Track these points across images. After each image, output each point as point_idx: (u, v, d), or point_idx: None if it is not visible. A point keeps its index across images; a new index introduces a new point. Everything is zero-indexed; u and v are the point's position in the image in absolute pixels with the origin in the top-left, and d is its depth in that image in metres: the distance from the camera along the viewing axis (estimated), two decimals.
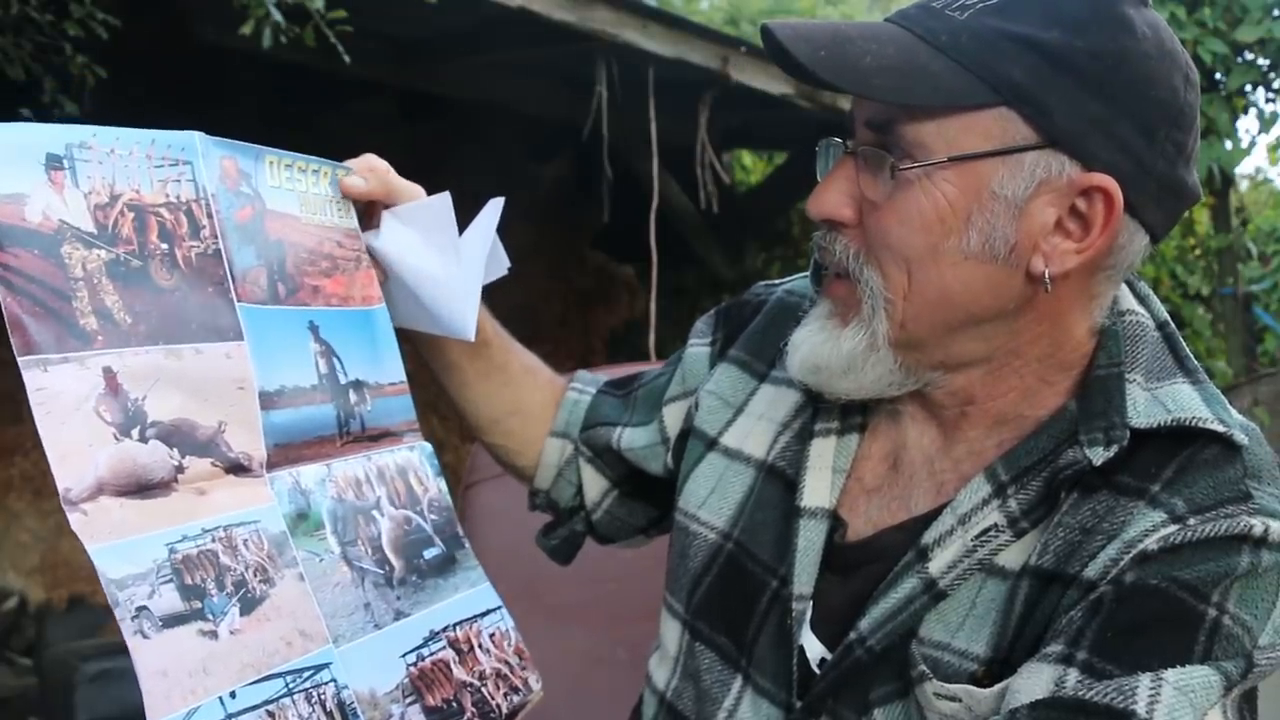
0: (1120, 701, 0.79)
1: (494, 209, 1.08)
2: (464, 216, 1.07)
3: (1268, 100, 5.96)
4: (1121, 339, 0.94)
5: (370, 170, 1.02)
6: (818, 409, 1.04)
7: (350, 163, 1.02)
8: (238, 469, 0.83)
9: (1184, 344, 0.97)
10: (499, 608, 1.03)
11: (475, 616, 1.00)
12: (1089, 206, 0.87)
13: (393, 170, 1.04)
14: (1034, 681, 0.83)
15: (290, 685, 0.80)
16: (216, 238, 0.86)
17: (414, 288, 1.05)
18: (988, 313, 0.91)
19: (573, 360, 5.01)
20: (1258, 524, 0.82)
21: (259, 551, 0.82)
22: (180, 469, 0.79)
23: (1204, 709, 0.80)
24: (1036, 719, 0.81)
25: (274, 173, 0.94)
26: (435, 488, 1.02)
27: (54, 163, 0.77)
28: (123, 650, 0.73)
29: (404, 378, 1.02)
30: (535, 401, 1.24)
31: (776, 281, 1.21)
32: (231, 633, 0.77)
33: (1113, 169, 0.86)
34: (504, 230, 1.09)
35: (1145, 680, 0.79)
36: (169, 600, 0.74)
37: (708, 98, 4.02)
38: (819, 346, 0.96)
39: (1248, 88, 5.88)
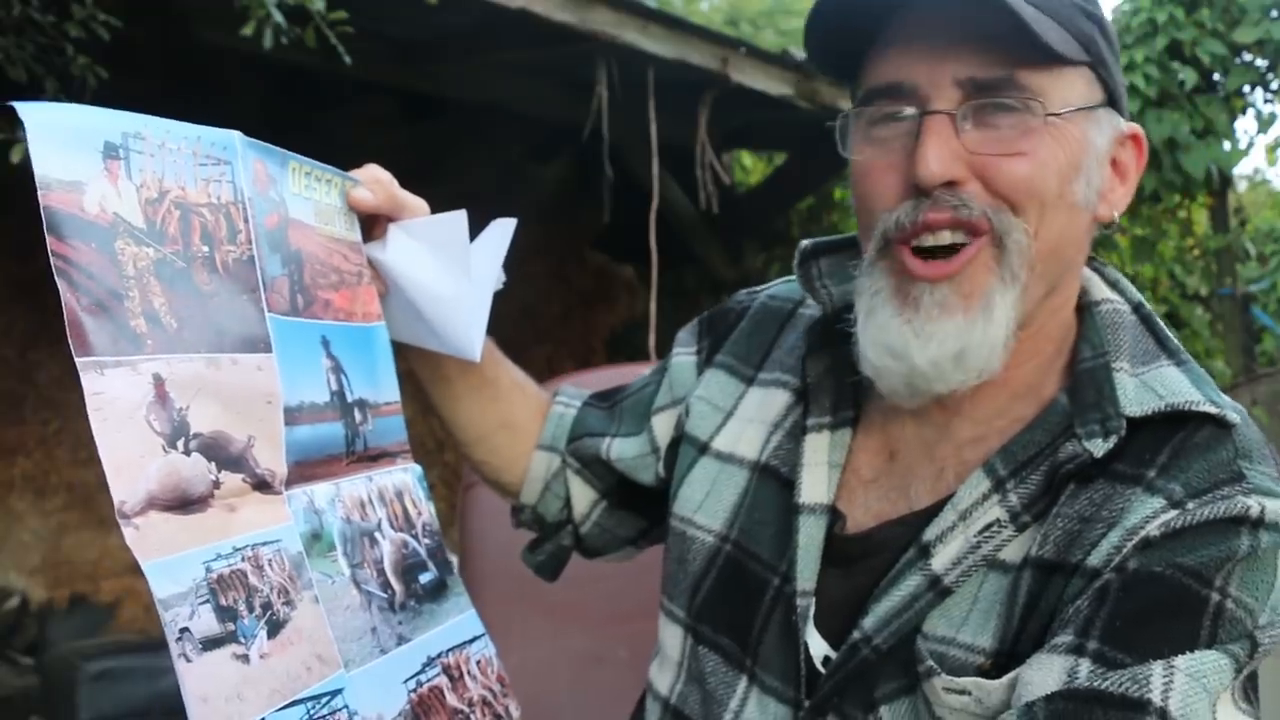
0: (1135, 691, 0.80)
1: (504, 229, 1.07)
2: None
3: (1266, 101, 5.98)
4: (1102, 329, 0.95)
5: (376, 182, 1.01)
6: (809, 405, 1.05)
7: (354, 173, 1.00)
8: (263, 486, 0.81)
9: (1161, 323, 0.98)
10: (484, 634, 1.03)
11: (465, 643, 1.00)
12: (1125, 155, 0.97)
13: (396, 182, 1.03)
14: (1046, 673, 0.83)
15: (311, 712, 0.78)
16: (251, 244, 0.83)
17: (419, 304, 1.03)
18: (1073, 264, 0.96)
19: (573, 360, 5.01)
20: (1254, 504, 0.83)
21: (281, 572, 0.80)
22: (217, 484, 0.76)
23: (1217, 692, 0.81)
24: (1053, 712, 0.81)
25: (296, 180, 0.91)
26: (427, 511, 1.01)
27: (111, 152, 0.73)
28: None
29: (399, 397, 1.00)
30: (522, 416, 1.23)
31: (758, 288, 1.21)
32: (261, 656, 0.75)
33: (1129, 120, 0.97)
34: None
35: (1158, 668, 0.80)
36: (207, 622, 0.72)
37: (708, 98, 4.03)
38: (963, 331, 0.90)
39: (1246, 88, 5.90)
